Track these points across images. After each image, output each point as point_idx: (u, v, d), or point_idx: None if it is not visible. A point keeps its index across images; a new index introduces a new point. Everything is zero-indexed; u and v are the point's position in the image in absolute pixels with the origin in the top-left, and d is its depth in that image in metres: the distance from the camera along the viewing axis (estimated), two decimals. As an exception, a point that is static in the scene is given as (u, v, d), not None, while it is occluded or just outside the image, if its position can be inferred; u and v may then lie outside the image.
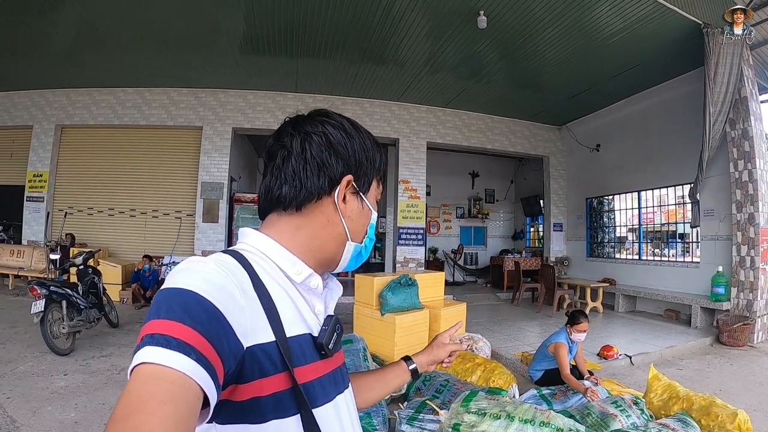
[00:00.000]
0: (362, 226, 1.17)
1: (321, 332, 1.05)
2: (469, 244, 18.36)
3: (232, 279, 0.90)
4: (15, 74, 12.50)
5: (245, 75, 12.05)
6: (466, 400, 3.94)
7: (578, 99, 12.43)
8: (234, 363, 0.85)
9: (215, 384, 0.78)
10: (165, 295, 0.83)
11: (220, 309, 0.83)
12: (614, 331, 9.26)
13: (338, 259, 1.15)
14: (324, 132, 1.10)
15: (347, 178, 1.11)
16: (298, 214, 1.08)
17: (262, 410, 0.90)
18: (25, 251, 12.63)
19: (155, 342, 0.75)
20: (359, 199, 1.15)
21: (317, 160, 1.08)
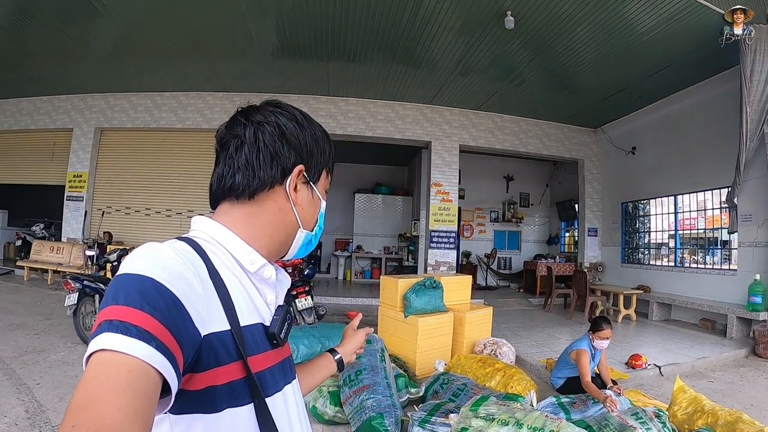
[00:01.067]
0: (312, 215, 1.20)
1: (273, 322, 1.06)
2: (503, 248, 18.17)
3: (189, 266, 0.90)
4: (56, 79, 12.97)
5: (278, 79, 12.17)
6: (475, 405, 3.88)
7: (612, 100, 12.14)
8: (192, 351, 0.85)
9: (176, 372, 0.78)
10: (123, 281, 0.82)
11: (179, 297, 0.82)
12: (645, 340, 9.00)
13: (289, 246, 1.17)
14: (277, 122, 1.11)
15: (299, 168, 1.13)
16: (250, 203, 1.09)
17: (217, 399, 0.90)
18: (64, 248, 13.09)
19: (114, 329, 0.74)
20: (310, 189, 1.18)
21: (270, 149, 1.09)
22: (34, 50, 11.02)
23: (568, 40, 9.07)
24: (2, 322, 8.19)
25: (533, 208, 18.62)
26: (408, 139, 13.47)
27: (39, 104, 14.37)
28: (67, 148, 14.04)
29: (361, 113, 13.26)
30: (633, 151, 13.01)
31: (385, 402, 4.53)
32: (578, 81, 11.11)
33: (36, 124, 14.43)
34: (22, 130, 14.67)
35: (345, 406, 4.69)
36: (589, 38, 8.97)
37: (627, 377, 6.58)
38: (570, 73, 10.62)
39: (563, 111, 13.38)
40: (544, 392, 5.69)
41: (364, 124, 13.22)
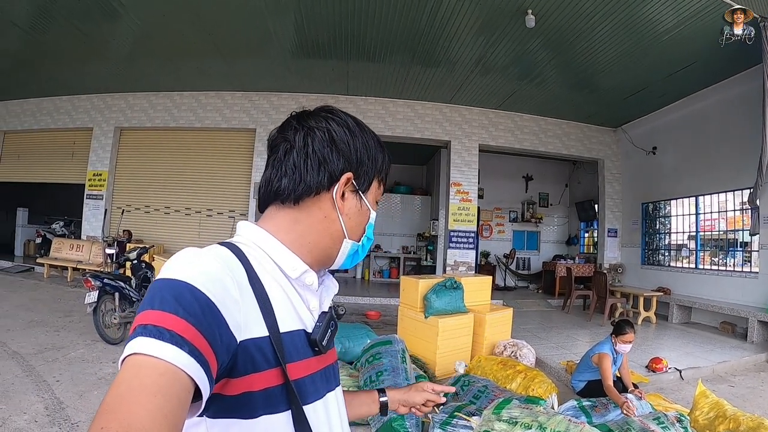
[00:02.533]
0: (360, 224, 1.16)
1: (315, 329, 1.05)
2: (522, 248, 18.03)
3: (228, 271, 0.89)
4: (76, 79, 13.13)
5: (297, 79, 12.19)
6: (498, 408, 3.85)
7: (633, 100, 11.99)
8: (227, 357, 0.84)
9: (208, 377, 0.78)
10: (159, 286, 0.83)
11: (215, 302, 0.82)
12: (666, 343, 8.91)
13: (334, 256, 1.14)
14: (327, 128, 1.09)
15: (347, 175, 1.10)
16: (295, 208, 1.08)
17: (253, 405, 0.90)
18: (84, 246, 13.27)
19: (148, 333, 0.75)
20: (358, 198, 1.14)
21: (318, 155, 1.07)
22: (54, 51, 11.17)
23: (589, 38, 8.98)
24: (22, 319, 8.28)
25: (552, 209, 18.47)
26: (427, 138, 13.46)
27: (59, 104, 14.56)
28: (86, 147, 14.21)
29: (381, 112, 13.26)
30: (653, 151, 12.86)
31: (406, 403, 4.50)
32: (598, 80, 10.99)
33: (56, 124, 14.63)
34: (42, 130, 14.90)
35: (365, 407, 4.67)
36: (609, 37, 8.86)
37: (647, 381, 6.51)
38: (590, 71, 10.52)
39: (583, 110, 13.25)
40: (564, 395, 5.63)
41: (384, 123, 13.20)
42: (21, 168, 15.50)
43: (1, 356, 6.21)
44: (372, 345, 5.36)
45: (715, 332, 9.96)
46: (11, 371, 5.69)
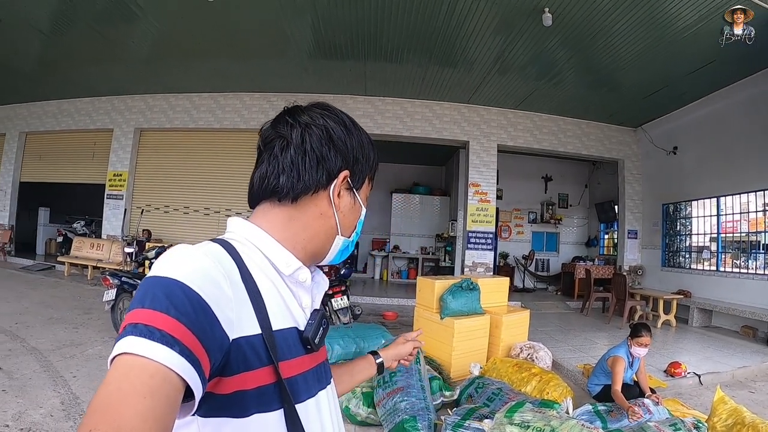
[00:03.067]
0: (352, 221, 1.18)
1: (307, 327, 1.05)
2: (541, 249, 17.84)
3: (220, 269, 0.88)
4: (97, 81, 13.36)
5: (315, 79, 12.22)
6: (510, 411, 3.82)
7: (653, 98, 11.79)
8: (220, 356, 0.84)
9: (200, 377, 0.77)
10: (150, 284, 0.82)
11: (207, 300, 0.82)
12: (685, 347, 8.73)
13: (326, 252, 1.15)
14: (325, 125, 1.10)
15: (344, 173, 1.11)
16: (292, 206, 1.08)
17: (245, 404, 0.89)
18: (104, 245, 13.52)
19: (138, 332, 0.74)
20: (352, 195, 1.16)
21: (317, 153, 1.07)
22: (75, 53, 11.39)
23: (607, 36, 8.84)
24: (42, 316, 8.43)
25: (572, 210, 18.23)
26: (445, 138, 13.41)
27: (80, 105, 14.83)
28: (107, 147, 14.45)
29: (399, 113, 13.24)
30: (674, 150, 12.67)
31: (419, 405, 4.49)
32: (618, 78, 10.84)
33: (77, 125, 14.92)
34: (63, 131, 15.21)
35: (378, 407, 4.66)
36: (628, 34, 8.72)
37: (666, 386, 6.39)
38: (609, 70, 10.36)
39: (603, 110, 13.09)
40: (580, 399, 5.56)
41: (402, 124, 13.20)
42: (43, 168, 15.83)
43: (20, 352, 6.33)
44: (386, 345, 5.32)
45: (736, 336, 9.77)
46: (29, 366, 5.79)
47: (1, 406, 4.60)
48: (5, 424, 4.27)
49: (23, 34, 10.45)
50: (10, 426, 4.24)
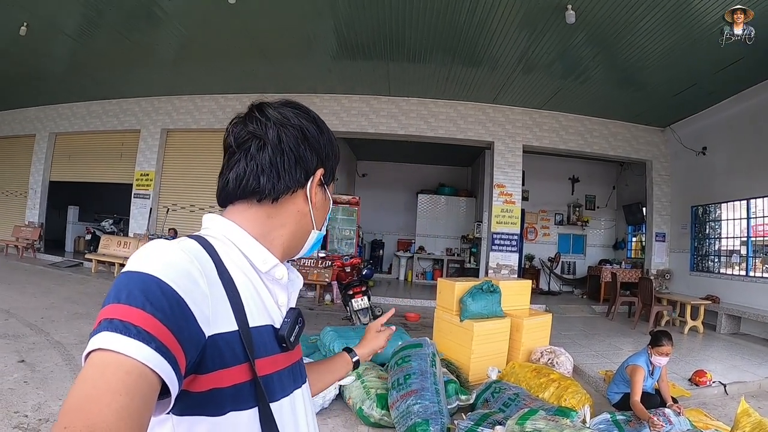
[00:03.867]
0: (323, 215, 1.21)
1: (283, 325, 1.05)
2: (567, 252, 17.57)
3: (197, 265, 0.88)
4: (124, 84, 13.61)
5: (338, 80, 12.27)
6: (522, 418, 3.74)
7: (681, 97, 11.47)
8: (195, 352, 0.83)
9: (176, 374, 0.77)
10: (125, 279, 0.81)
11: (183, 296, 0.81)
12: (712, 355, 8.49)
13: (301, 247, 1.18)
14: (300, 125, 1.11)
15: (320, 172, 1.14)
16: (272, 205, 1.08)
17: (220, 402, 0.89)
18: (131, 243, 13.72)
19: (114, 328, 0.73)
20: (324, 191, 1.19)
21: (294, 152, 1.09)
22: (103, 57, 11.59)
23: (633, 32, 8.62)
24: (67, 311, 8.65)
25: (599, 211, 17.90)
26: (470, 139, 13.30)
27: (108, 107, 15.10)
28: (134, 148, 14.72)
29: (423, 113, 13.17)
30: (703, 151, 12.35)
31: (432, 408, 4.45)
32: (645, 77, 10.58)
33: (105, 126, 15.21)
34: (92, 132, 15.54)
35: (392, 410, 4.64)
36: (654, 30, 8.48)
37: (689, 395, 6.22)
38: (636, 68, 10.12)
39: (630, 109, 12.83)
40: (600, 406, 5.44)
41: (426, 124, 13.14)
42: (72, 168, 16.18)
43: (44, 345, 6.51)
44: (402, 347, 5.30)
45: (765, 344, 9.43)
46: (52, 360, 5.95)
47: (22, 397, 4.74)
48: (24, 414, 4.39)
49: (53, 38, 10.69)
50: (29, 416, 4.36)
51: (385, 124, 13.19)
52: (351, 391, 5.13)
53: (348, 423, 4.92)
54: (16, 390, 4.90)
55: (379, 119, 13.21)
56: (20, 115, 16.96)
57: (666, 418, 4.41)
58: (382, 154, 18.58)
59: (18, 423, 4.21)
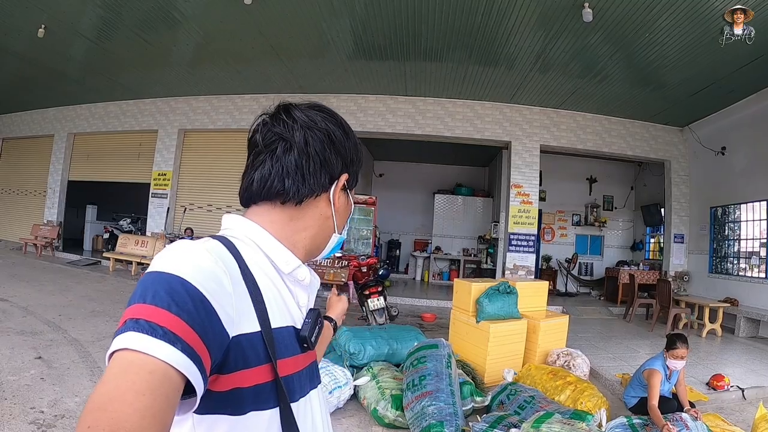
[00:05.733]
0: (345, 219, 1.22)
1: (304, 325, 1.06)
2: (585, 253, 17.40)
3: (222, 266, 0.88)
4: (142, 84, 13.76)
5: (355, 80, 12.27)
6: (537, 422, 3.71)
7: (700, 96, 11.30)
8: (220, 353, 0.84)
9: (202, 374, 0.77)
10: (151, 279, 0.81)
11: (208, 297, 0.81)
12: (730, 359, 8.35)
13: (322, 249, 1.18)
14: (327, 129, 1.11)
15: (345, 177, 1.15)
16: (295, 208, 1.08)
17: (241, 401, 0.89)
18: (148, 242, 13.92)
19: (140, 328, 0.73)
20: (346, 195, 1.19)
21: (320, 157, 1.08)
22: (120, 58, 11.75)
23: (650, 30, 8.49)
24: (85, 309, 8.74)
25: (617, 212, 17.71)
26: (487, 139, 13.24)
27: (125, 107, 15.29)
28: (152, 148, 14.89)
29: (440, 113, 13.14)
30: (722, 151, 12.15)
31: (447, 410, 4.42)
32: (663, 75, 10.42)
33: (123, 126, 15.40)
34: (110, 132, 15.74)
35: (406, 411, 4.62)
36: (672, 28, 8.35)
37: (707, 399, 6.13)
38: (654, 66, 9.97)
39: (648, 108, 12.67)
40: (617, 410, 5.38)
41: (443, 124, 13.11)
42: (90, 168, 16.41)
43: (61, 342, 6.59)
44: (418, 348, 5.27)
45: (785, 349, 9.27)
46: (69, 357, 6.03)
47: (38, 393, 4.79)
48: (41, 410, 4.44)
49: (71, 40, 10.83)
50: (45, 412, 4.41)
51: (401, 124, 13.16)
52: (366, 392, 5.12)
53: (362, 423, 4.91)
54: (32, 386, 4.96)
55: (396, 119, 13.19)
56: (39, 115, 17.19)
57: (683, 423, 4.32)
58: (399, 154, 18.51)
59: (34, 419, 4.25)
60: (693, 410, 4.68)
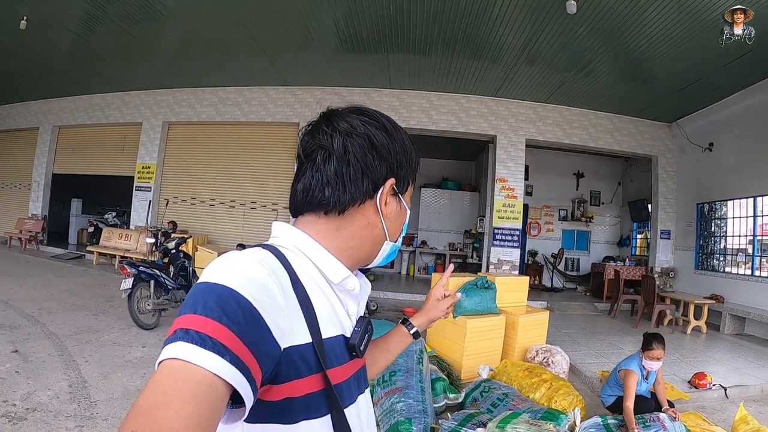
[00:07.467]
0: (399, 226, 1.18)
1: (353, 334, 1.06)
2: (571, 248, 17.34)
3: (274, 278, 0.88)
4: (126, 77, 13.72)
5: (339, 73, 12.20)
6: (503, 422, 3.65)
7: (688, 91, 11.21)
8: (271, 365, 0.84)
9: (251, 385, 0.77)
10: (202, 290, 0.82)
11: (259, 309, 0.81)
12: (714, 356, 8.27)
13: (374, 258, 1.15)
14: (367, 133, 1.07)
15: (391, 182, 1.10)
16: (339, 217, 1.06)
17: (294, 411, 0.90)
18: (132, 235, 13.91)
19: (190, 339, 0.74)
20: (398, 200, 1.14)
21: (361, 163, 1.05)
22: (104, 51, 11.71)
23: (639, 22, 8.33)
24: (65, 303, 8.75)
25: (604, 207, 17.64)
26: (472, 132, 13.16)
27: (110, 100, 15.23)
28: (136, 141, 14.81)
29: (424, 106, 13.05)
30: (710, 147, 12.09)
31: (416, 407, 4.35)
32: (651, 70, 10.32)
33: (107, 119, 15.33)
34: (95, 125, 15.68)
35: (376, 407, 4.53)
36: (659, 21, 8.20)
37: (688, 398, 6.06)
38: (642, 60, 9.85)
39: (636, 103, 12.59)
40: (595, 408, 5.31)
41: (427, 117, 13.02)
42: (75, 161, 16.33)
43: (39, 336, 6.61)
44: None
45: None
46: (45, 350, 6.05)
47: (12, 387, 4.84)
48: (13, 403, 4.49)
49: (56, 33, 10.80)
50: (17, 405, 4.45)
51: (384, 117, 13.04)
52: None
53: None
54: (7, 380, 4.99)
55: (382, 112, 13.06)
56: (24, 108, 17.09)
57: (660, 423, 4.24)
58: (385, 148, 18.33)
59: (6, 412, 4.28)
60: (671, 410, 4.59)
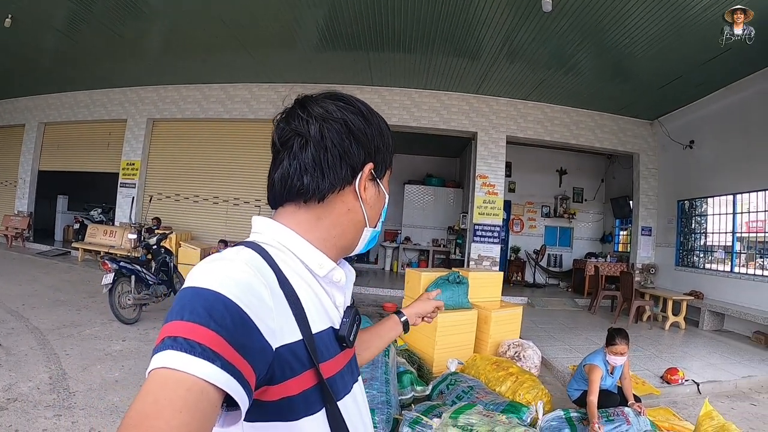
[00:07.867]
0: (378, 211, 1.17)
1: (342, 325, 1.06)
2: (554, 244, 17.45)
3: (260, 278, 0.87)
4: (111, 74, 13.73)
5: (322, 70, 12.20)
6: (456, 412, 3.72)
7: (669, 89, 11.26)
8: (264, 366, 0.83)
9: (245, 389, 0.77)
10: (189, 295, 0.80)
11: (248, 312, 0.80)
12: (689, 352, 8.32)
13: (355, 245, 1.15)
14: (343, 119, 1.06)
15: (369, 166, 1.09)
16: (319, 205, 1.06)
17: (293, 409, 0.90)
18: (116, 231, 13.94)
19: (179, 346, 0.73)
20: (376, 185, 1.14)
21: (338, 148, 1.04)
22: (90, 49, 11.75)
23: (616, 19, 8.27)
24: (49, 298, 8.88)
25: (587, 204, 17.74)
26: (453, 129, 13.20)
27: (95, 97, 15.21)
28: (121, 137, 14.79)
29: (406, 103, 13.10)
30: (691, 144, 12.20)
31: (380, 398, 4.41)
32: (631, 67, 10.35)
33: (93, 116, 15.32)
34: (80, 121, 15.63)
35: (341, 398, 4.57)
36: (639, 18, 8.16)
37: (659, 393, 6.12)
38: (622, 56, 9.84)
39: (617, 101, 12.65)
40: (563, 402, 5.33)
41: (409, 114, 13.06)
42: (60, 158, 16.30)
43: (22, 331, 6.78)
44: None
45: (747, 342, 9.28)
46: (27, 344, 6.23)
47: None
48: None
49: (41, 31, 10.84)
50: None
51: (367, 113, 13.08)
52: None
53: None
54: None
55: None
56: (10, 105, 17.02)
57: (624, 418, 4.25)
58: (368, 143, 18.35)
59: None
60: (637, 404, 4.62)
